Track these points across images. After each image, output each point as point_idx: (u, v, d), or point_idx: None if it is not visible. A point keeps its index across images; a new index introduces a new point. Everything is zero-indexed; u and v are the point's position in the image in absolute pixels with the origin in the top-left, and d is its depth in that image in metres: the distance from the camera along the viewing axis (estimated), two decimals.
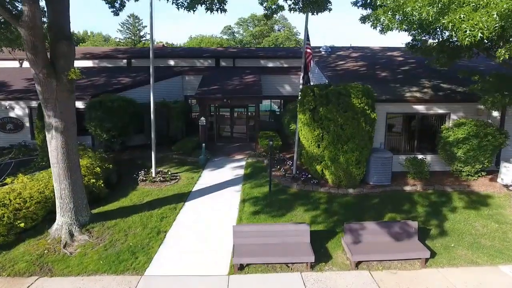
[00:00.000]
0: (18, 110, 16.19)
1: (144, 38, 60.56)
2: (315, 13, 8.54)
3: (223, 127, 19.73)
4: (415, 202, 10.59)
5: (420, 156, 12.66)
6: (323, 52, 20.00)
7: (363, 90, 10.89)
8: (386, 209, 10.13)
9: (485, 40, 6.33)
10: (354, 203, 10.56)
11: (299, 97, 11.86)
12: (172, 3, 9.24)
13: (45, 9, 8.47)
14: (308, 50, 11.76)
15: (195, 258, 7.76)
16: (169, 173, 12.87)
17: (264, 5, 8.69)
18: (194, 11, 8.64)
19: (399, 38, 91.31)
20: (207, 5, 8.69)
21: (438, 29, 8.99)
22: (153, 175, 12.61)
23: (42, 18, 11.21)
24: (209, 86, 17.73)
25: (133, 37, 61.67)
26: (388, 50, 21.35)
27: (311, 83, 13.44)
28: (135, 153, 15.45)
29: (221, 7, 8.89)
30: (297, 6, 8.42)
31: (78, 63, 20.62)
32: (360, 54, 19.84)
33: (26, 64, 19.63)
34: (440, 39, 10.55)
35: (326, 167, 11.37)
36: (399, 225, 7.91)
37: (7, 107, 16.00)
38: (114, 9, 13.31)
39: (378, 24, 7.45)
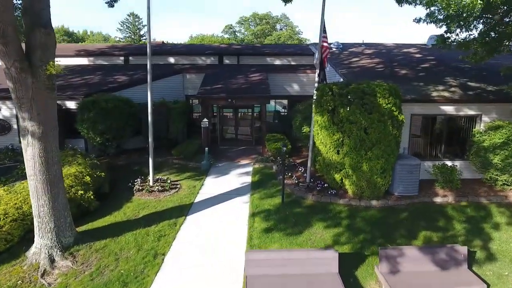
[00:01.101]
0: (5, 111, 14.82)
1: (144, 37, 59.17)
2: None
3: (226, 129, 18.40)
4: (450, 217, 9.25)
5: (448, 162, 11.32)
6: (334, 49, 18.65)
7: (389, 88, 9.55)
8: (418, 226, 8.79)
9: None
10: (380, 218, 9.22)
11: (315, 96, 10.51)
12: None
13: None
14: (325, 44, 10.44)
15: None
16: (169, 181, 11.54)
17: None
18: None
19: (399, 39, 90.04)
20: None
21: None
22: (151, 183, 11.26)
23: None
24: (212, 85, 16.38)
25: (133, 36, 60.39)
26: (403, 46, 20.00)
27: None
28: (132, 158, 14.14)
29: None
30: None
31: (71, 61, 19.49)
32: (374, 51, 18.49)
33: None
34: (482, 30, 9.21)
35: (346, 176, 10.02)
36: (445, 251, 6.58)
37: None
38: (109, 0, 12.32)
39: (433, 3, 6.11)
